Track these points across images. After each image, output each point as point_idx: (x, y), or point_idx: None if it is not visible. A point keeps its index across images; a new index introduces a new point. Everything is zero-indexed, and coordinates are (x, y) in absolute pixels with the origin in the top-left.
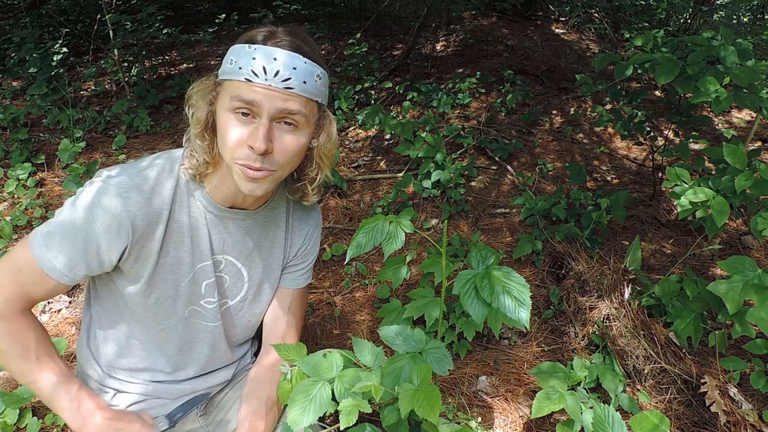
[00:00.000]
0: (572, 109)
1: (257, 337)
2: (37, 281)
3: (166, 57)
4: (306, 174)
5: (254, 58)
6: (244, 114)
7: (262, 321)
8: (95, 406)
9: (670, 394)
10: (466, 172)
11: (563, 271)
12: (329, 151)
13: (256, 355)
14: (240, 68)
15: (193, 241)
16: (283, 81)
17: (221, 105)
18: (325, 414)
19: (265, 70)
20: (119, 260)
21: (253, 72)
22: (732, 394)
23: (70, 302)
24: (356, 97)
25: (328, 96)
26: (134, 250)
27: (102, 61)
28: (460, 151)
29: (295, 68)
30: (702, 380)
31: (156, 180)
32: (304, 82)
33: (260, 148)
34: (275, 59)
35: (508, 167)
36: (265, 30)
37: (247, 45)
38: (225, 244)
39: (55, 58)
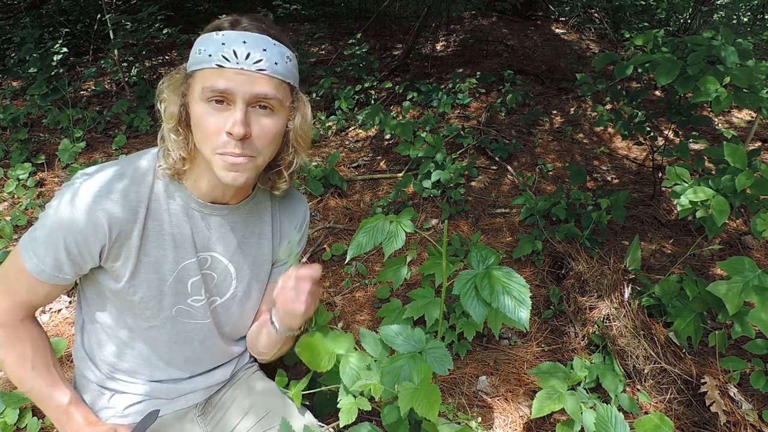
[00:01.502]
0: (572, 109)
1: None
2: (31, 287)
3: (166, 57)
4: (282, 159)
5: (223, 44)
6: (218, 102)
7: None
8: (84, 422)
9: (670, 394)
10: (466, 172)
11: (563, 271)
12: (305, 133)
13: None
14: (210, 55)
15: (175, 239)
16: (255, 63)
17: (194, 96)
18: (324, 414)
19: (235, 53)
20: (100, 259)
21: (224, 57)
22: (732, 394)
23: (69, 302)
24: (356, 97)
25: (299, 78)
26: (113, 250)
27: (102, 61)
28: (460, 151)
29: (265, 50)
30: (702, 380)
31: (131, 179)
32: (276, 63)
33: (239, 133)
34: (245, 42)
35: (508, 167)
36: (230, 18)
37: (214, 33)
38: (209, 240)
39: (55, 58)
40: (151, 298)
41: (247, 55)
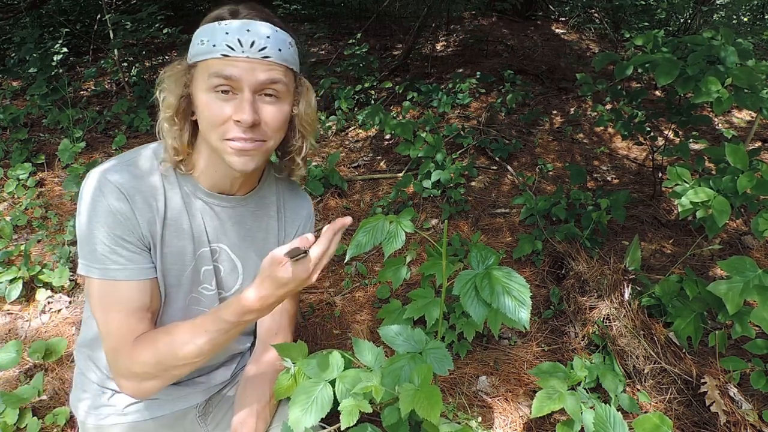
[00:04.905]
0: (572, 109)
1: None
2: (125, 295)
3: (166, 57)
4: (291, 145)
5: (227, 33)
6: (224, 91)
7: None
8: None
9: (670, 394)
10: (466, 172)
11: (563, 271)
12: (310, 117)
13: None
14: (214, 45)
15: (192, 229)
16: (260, 50)
17: (199, 86)
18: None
19: (240, 42)
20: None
21: (229, 46)
22: (732, 394)
23: (70, 302)
24: (356, 97)
25: (299, 64)
26: (136, 232)
27: (102, 61)
28: (460, 151)
29: (268, 37)
30: (702, 380)
31: (143, 165)
32: (279, 50)
33: (248, 120)
34: (248, 30)
35: (508, 167)
36: (228, 8)
37: (216, 23)
38: (218, 231)
39: (55, 58)
40: (170, 287)
41: (252, 43)
